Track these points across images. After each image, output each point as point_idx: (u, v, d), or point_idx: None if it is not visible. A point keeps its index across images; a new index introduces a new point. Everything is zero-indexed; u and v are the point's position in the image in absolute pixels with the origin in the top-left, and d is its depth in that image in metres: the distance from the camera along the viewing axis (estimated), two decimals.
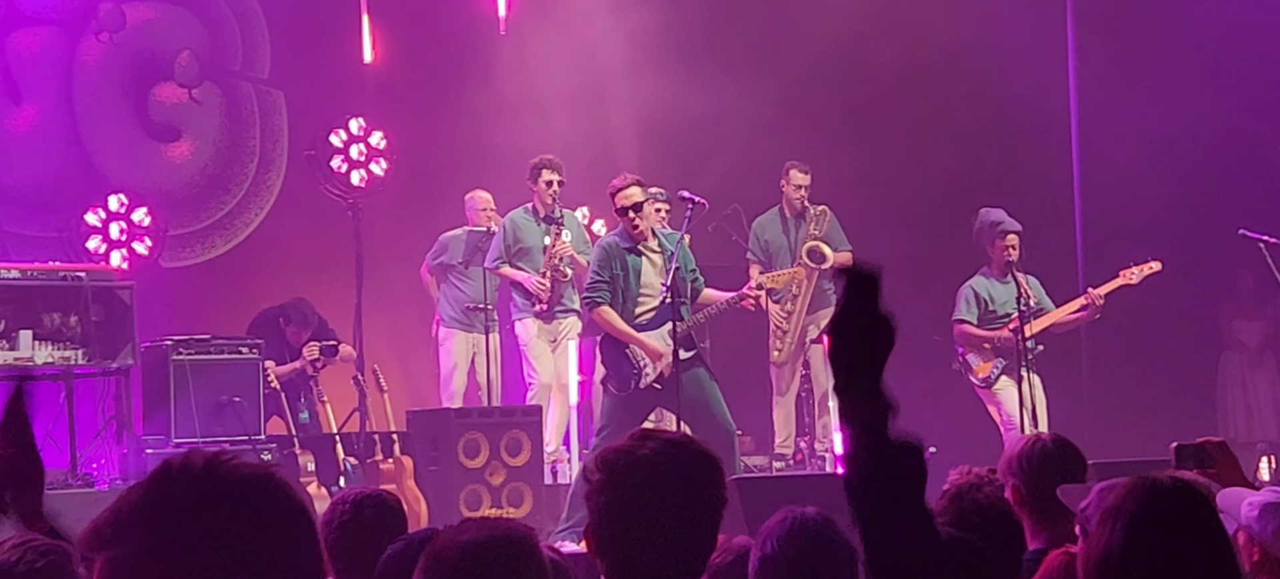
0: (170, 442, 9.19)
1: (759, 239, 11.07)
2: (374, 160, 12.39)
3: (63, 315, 8.84)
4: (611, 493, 2.65)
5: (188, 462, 1.83)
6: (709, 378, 8.58)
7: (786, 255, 10.87)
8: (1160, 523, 2.49)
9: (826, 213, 11.00)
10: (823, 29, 12.17)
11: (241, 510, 1.79)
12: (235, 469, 1.82)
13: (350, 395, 10.44)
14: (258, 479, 1.82)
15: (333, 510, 4.01)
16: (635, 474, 2.65)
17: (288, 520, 1.82)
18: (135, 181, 11.87)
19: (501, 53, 12.46)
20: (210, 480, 1.80)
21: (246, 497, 1.80)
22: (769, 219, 11.13)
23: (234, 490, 1.80)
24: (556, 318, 10.44)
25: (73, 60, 11.85)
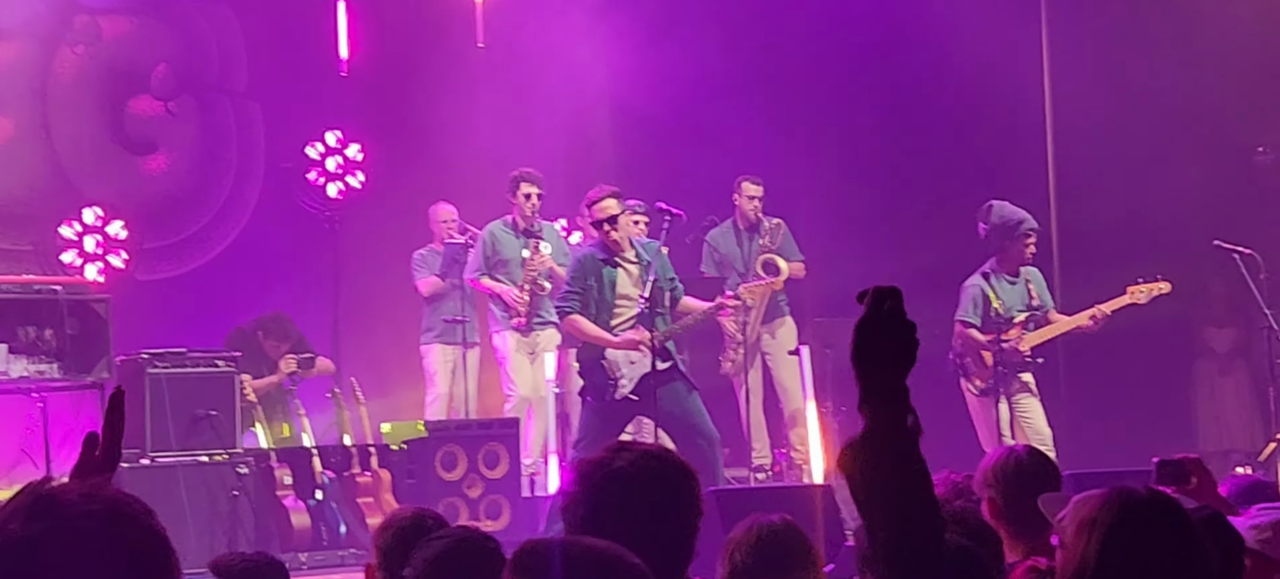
0: (146, 455, 9.14)
1: (714, 251, 11.09)
2: (351, 173, 12.40)
3: (38, 329, 8.80)
4: (588, 505, 2.65)
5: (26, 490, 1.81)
6: (687, 389, 8.58)
7: (740, 266, 10.89)
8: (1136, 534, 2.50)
9: (781, 226, 11.02)
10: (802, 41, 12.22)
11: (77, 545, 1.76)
12: (73, 502, 1.78)
13: (327, 408, 10.41)
14: (93, 512, 1.78)
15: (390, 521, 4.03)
16: (611, 486, 2.66)
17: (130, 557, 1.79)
18: (111, 195, 11.84)
19: (480, 65, 12.46)
20: (41, 514, 1.78)
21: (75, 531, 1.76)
22: (723, 232, 11.16)
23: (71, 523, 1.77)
24: (534, 330, 10.44)
25: (48, 73, 11.81)
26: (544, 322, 10.43)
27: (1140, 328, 10.15)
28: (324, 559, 9.25)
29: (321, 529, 9.59)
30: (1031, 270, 9.94)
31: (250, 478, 9.36)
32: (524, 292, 10.33)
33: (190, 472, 9.07)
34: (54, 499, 1.77)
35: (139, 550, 1.79)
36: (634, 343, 8.45)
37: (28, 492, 1.79)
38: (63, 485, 1.81)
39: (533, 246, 10.31)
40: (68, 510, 1.76)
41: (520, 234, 10.46)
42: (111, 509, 1.78)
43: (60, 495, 1.78)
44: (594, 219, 8.60)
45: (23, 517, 1.76)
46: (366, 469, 9.84)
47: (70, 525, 1.75)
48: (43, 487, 1.80)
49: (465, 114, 12.39)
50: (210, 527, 9.02)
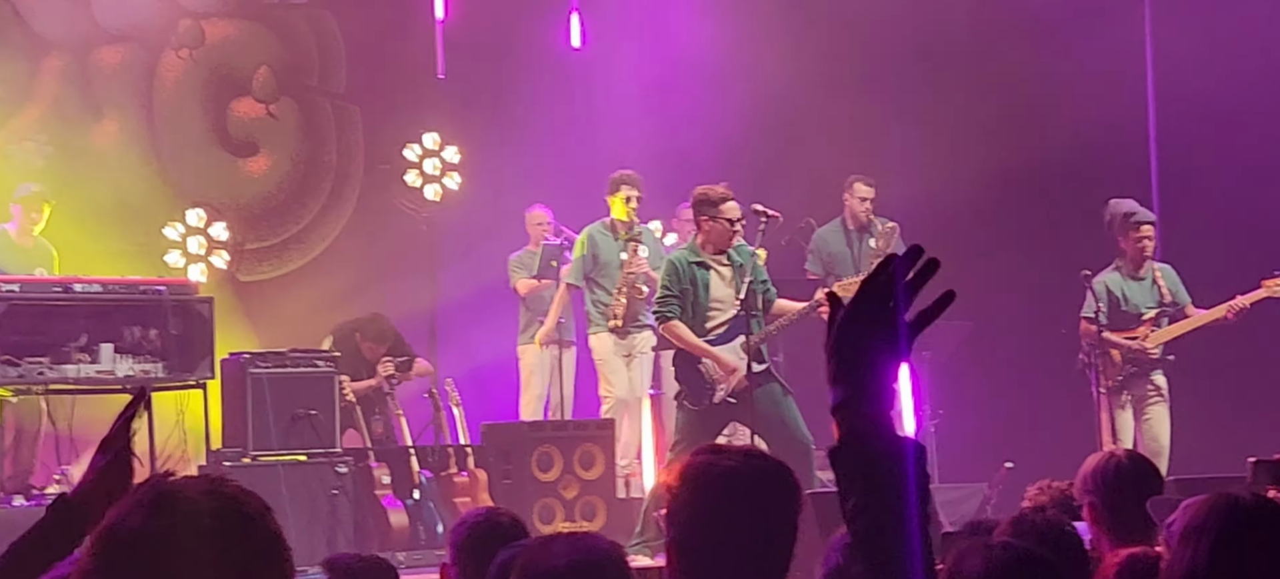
0: (248, 454, 9.27)
1: (821, 251, 11.01)
2: (448, 174, 12.48)
3: (143, 329, 8.94)
4: (693, 507, 2.66)
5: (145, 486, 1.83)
6: (782, 392, 8.55)
7: (849, 267, 10.82)
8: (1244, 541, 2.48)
9: (896, 229, 10.93)
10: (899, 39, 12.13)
11: (197, 539, 1.79)
12: (193, 499, 1.81)
13: (424, 408, 10.50)
14: (216, 508, 1.80)
15: (464, 521, 4.09)
16: (716, 488, 2.66)
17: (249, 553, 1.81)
18: (214, 196, 12.03)
19: (575, 67, 12.50)
20: (164, 507, 1.80)
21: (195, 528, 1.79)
22: (831, 231, 11.08)
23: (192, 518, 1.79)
24: (631, 333, 10.45)
25: (153, 76, 12.02)
26: (640, 324, 10.45)
27: (1244, 323, 9.93)
28: (421, 558, 9.32)
29: (419, 529, 9.67)
30: (1163, 267, 9.77)
31: (349, 477, 9.46)
32: (621, 294, 10.35)
33: (291, 471, 9.18)
34: (174, 494, 1.80)
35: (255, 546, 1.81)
36: (730, 367, 8.41)
37: (148, 486, 1.82)
38: (183, 480, 1.84)
39: (631, 250, 10.33)
40: (187, 506, 1.79)
41: (618, 237, 10.48)
42: (229, 505, 1.81)
43: (180, 490, 1.81)
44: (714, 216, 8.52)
45: (144, 511, 1.79)
46: (463, 469, 9.92)
47: (189, 521, 1.77)
48: (163, 482, 1.82)
49: (560, 116, 12.45)
50: (310, 526, 9.11)
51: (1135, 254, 9.65)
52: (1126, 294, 9.61)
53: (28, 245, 9.36)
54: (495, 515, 4.08)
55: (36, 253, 9.39)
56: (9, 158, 11.29)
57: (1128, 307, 9.55)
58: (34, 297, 8.66)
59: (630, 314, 10.39)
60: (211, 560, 1.77)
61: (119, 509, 1.81)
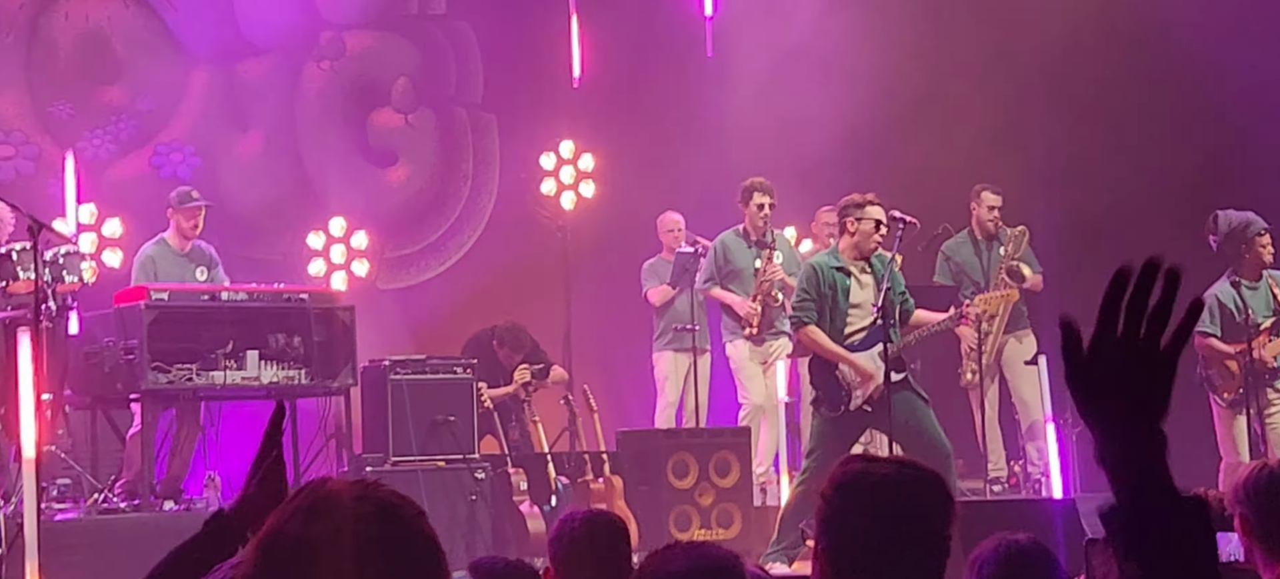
0: (389, 460, 9.39)
1: (949, 262, 10.91)
2: (583, 183, 12.56)
3: (287, 336, 9.10)
4: (845, 516, 2.65)
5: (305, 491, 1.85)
6: (920, 401, 8.48)
7: (979, 277, 10.70)
8: None
9: (1025, 234, 10.80)
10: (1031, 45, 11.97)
11: (354, 544, 1.79)
12: (350, 504, 1.81)
13: (561, 415, 10.56)
14: (373, 513, 1.81)
15: (563, 527, 4.12)
16: (873, 497, 2.65)
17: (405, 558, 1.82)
18: (354, 205, 12.22)
19: (709, 75, 12.51)
20: (315, 512, 1.81)
21: (353, 532, 1.80)
22: (959, 242, 10.97)
23: (349, 524, 1.80)
24: (766, 340, 10.43)
25: (296, 88, 12.24)
26: (776, 332, 10.42)
27: None
28: None
29: None
30: (1275, 273, 9.58)
31: (487, 483, 9.55)
32: (756, 302, 10.33)
33: (430, 476, 9.29)
34: (330, 499, 1.81)
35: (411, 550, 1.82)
36: (867, 374, 8.37)
37: (307, 492, 1.84)
38: (340, 486, 1.85)
39: (766, 257, 10.31)
40: (344, 512, 1.80)
41: (752, 244, 10.46)
42: (386, 511, 1.81)
43: (337, 496, 1.82)
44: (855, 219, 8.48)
45: (302, 517, 1.80)
46: (599, 476, 9.96)
47: (346, 525, 1.79)
48: (322, 487, 1.84)
49: (695, 124, 12.46)
50: (449, 531, 9.21)
51: (1255, 263, 9.50)
52: (1242, 305, 9.45)
53: (186, 250, 9.56)
54: (597, 518, 4.10)
55: (196, 255, 9.59)
56: (159, 168, 11.58)
57: (1244, 317, 9.38)
58: (183, 305, 8.86)
59: (766, 321, 10.37)
60: (368, 564, 1.78)
61: (278, 515, 1.83)
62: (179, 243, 9.54)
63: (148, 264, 9.44)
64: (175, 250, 9.53)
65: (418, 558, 1.84)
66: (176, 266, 9.44)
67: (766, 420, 10.43)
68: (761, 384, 10.42)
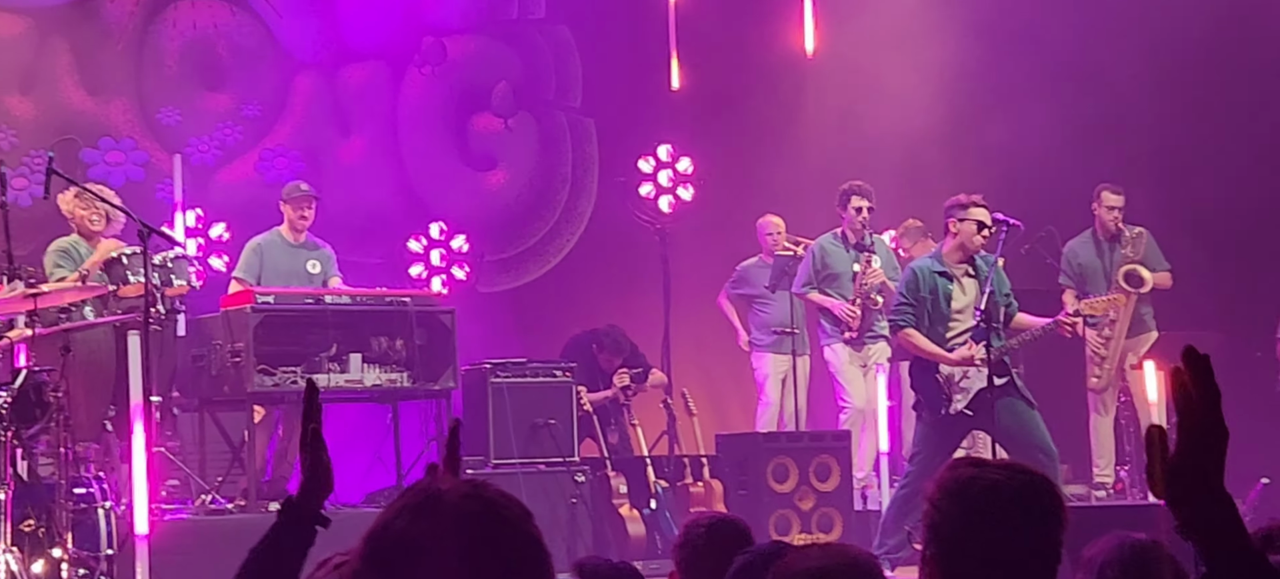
0: (489, 463, 9.45)
1: (1072, 263, 10.78)
2: (681, 186, 12.57)
3: (389, 339, 9.18)
4: (955, 521, 2.62)
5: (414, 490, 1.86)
6: (1025, 405, 8.38)
7: (1101, 279, 10.56)
8: None
9: (1144, 234, 10.63)
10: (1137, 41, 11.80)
11: (462, 543, 1.80)
12: (458, 503, 1.82)
13: (660, 418, 10.57)
14: (480, 512, 1.81)
15: (688, 531, 4.13)
16: (983, 503, 2.61)
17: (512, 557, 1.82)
18: (454, 210, 12.31)
19: (809, 78, 12.46)
20: (430, 511, 1.82)
21: (460, 530, 1.80)
22: (1081, 242, 10.82)
23: (458, 522, 1.80)
24: (866, 344, 10.37)
25: (397, 93, 12.36)
26: (876, 335, 10.36)
27: None
28: (659, 568, 9.33)
29: (656, 538, 9.74)
30: None
31: (587, 486, 9.57)
32: (855, 305, 10.28)
33: (530, 479, 9.33)
34: (439, 499, 1.82)
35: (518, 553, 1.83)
36: (968, 360, 8.30)
37: (415, 490, 1.85)
38: (448, 485, 1.86)
39: (865, 261, 10.25)
40: (452, 511, 1.81)
41: (851, 248, 10.41)
42: (493, 511, 1.82)
43: (445, 495, 1.83)
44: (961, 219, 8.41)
45: (409, 515, 1.82)
46: (699, 479, 9.95)
47: (453, 526, 1.80)
48: (430, 486, 1.85)
49: (794, 125, 12.41)
50: (549, 533, 9.05)
51: None
52: None
53: (299, 242, 9.67)
54: (720, 522, 4.09)
55: (309, 250, 9.70)
56: (264, 173, 11.74)
57: None
58: (288, 308, 8.97)
59: (865, 324, 10.31)
60: (475, 564, 1.79)
61: (387, 512, 1.85)
62: (292, 235, 9.67)
63: (254, 252, 9.58)
64: (286, 241, 9.66)
65: (524, 558, 1.84)
66: (287, 256, 9.56)
67: (867, 424, 10.37)
68: (862, 388, 10.36)
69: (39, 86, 11.25)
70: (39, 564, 6.90)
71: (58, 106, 11.24)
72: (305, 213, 9.61)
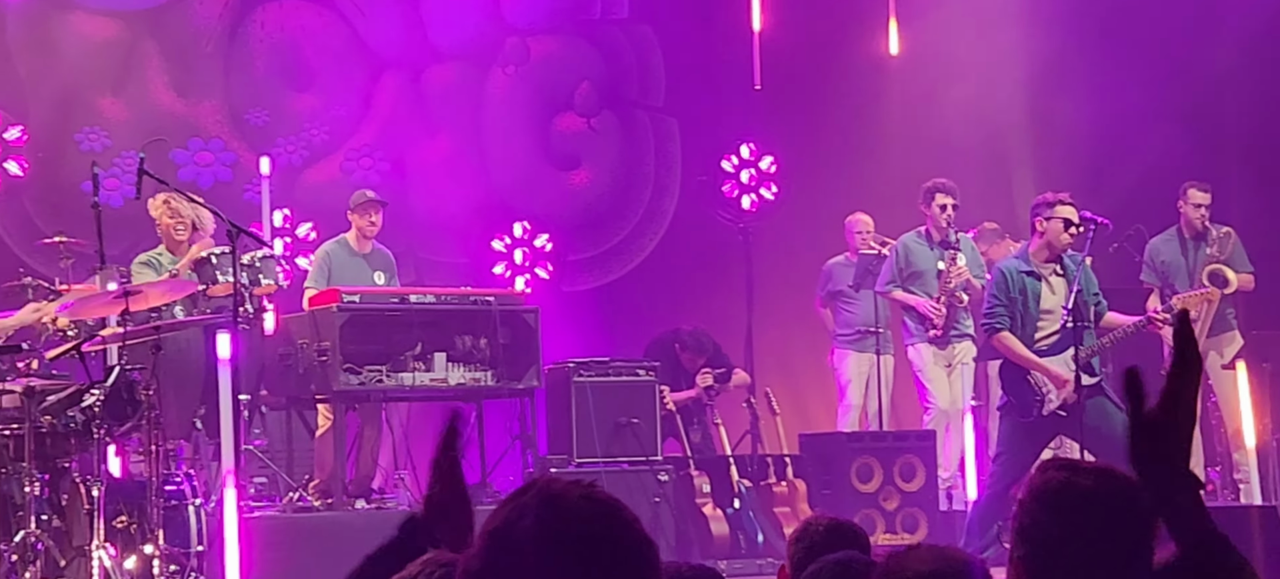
0: (573, 461, 9.47)
1: (1155, 261, 10.64)
2: (764, 185, 12.55)
3: (474, 338, 9.23)
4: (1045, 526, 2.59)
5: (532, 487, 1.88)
6: (1113, 405, 8.29)
7: (1184, 277, 10.41)
8: None
9: (1231, 235, 10.47)
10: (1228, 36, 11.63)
11: (580, 543, 1.83)
12: (577, 504, 1.85)
13: (743, 417, 10.55)
14: (598, 513, 1.85)
15: (804, 529, 4.11)
16: (1075, 509, 2.59)
17: (627, 559, 1.84)
18: (537, 209, 12.36)
19: (893, 74, 12.39)
20: (550, 510, 1.84)
21: (581, 532, 1.83)
22: (1165, 240, 10.67)
23: (576, 522, 1.84)
24: (951, 342, 10.30)
25: (481, 94, 12.42)
26: (961, 334, 10.28)
27: None
28: (742, 567, 9.36)
29: (739, 538, 9.72)
30: None
31: (670, 485, 9.57)
32: (940, 304, 10.21)
33: (614, 478, 9.33)
34: (558, 498, 1.86)
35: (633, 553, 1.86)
36: (1061, 380, 8.20)
37: (537, 491, 1.89)
38: (565, 486, 1.90)
39: (949, 259, 10.17)
40: (569, 510, 1.85)
41: (935, 246, 10.33)
42: (610, 513, 1.86)
43: (563, 495, 1.87)
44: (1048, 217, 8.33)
45: (532, 515, 1.85)
46: (782, 479, 9.93)
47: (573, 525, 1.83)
48: (551, 487, 1.89)
49: (877, 124, 12.35)
50: None
51: None
52: None
53: (366, 251, 9.74)
54: (837, 527, 4.05)
55: (375, 259, 9.76)
56: (349, 173, 11.84)
57: None
58: (373, 307, 9.04)
59: (950, 323, 10.23)
60: (593, 564, 1.83)
61: (506, 510, 1.88)
62: (358, 243, 9.71)
63: (323, 260, 9.64)
64: (353, 250, 9.70)
65: (638, 559, 1.88)
66: (352, 267, 9.61)
67: (952, 424, 10.30)
68: (946, 388, 10.29)
69: (130, 88, 11.42)
70: (131, 560, 7.00)
71: (148, 108, 11.41)
72: (373, 219, 9.65)
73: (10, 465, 6.81)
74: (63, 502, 7.00)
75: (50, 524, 6.84)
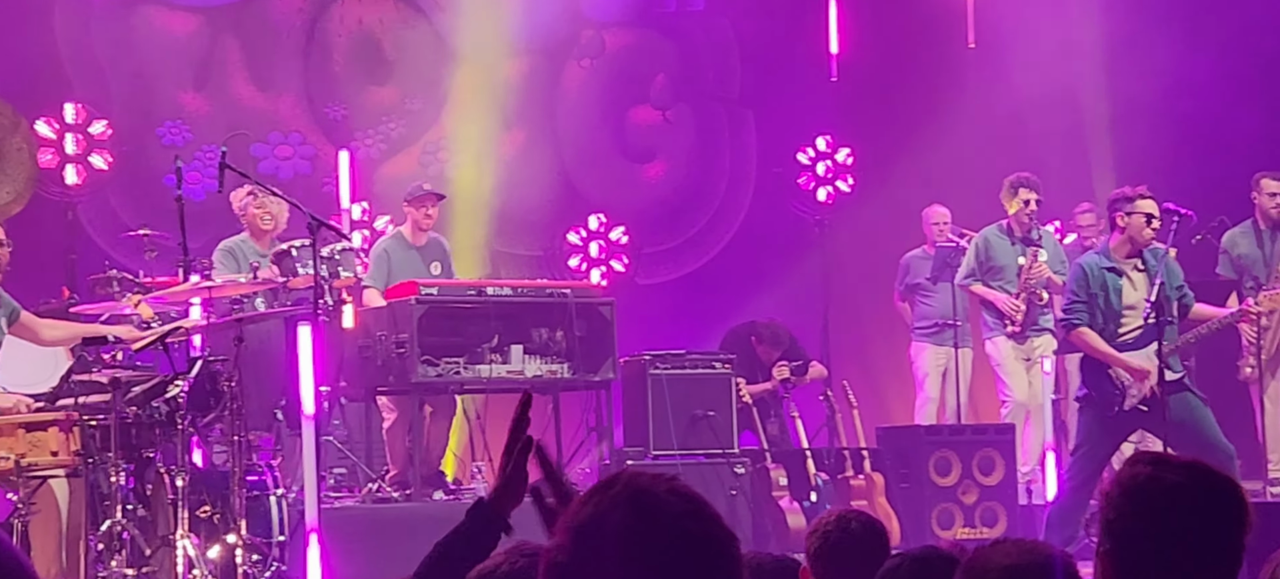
0: (649, 453, 9.48)
1: (1232, 253, 10.48)
2: (840, 177, 12.49)
3: (550, 330, 9.26)
4: (1132, 520, 2.56)
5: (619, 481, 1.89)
6: (1198, 400, 8.18)
7: (1262, 269, 10.23)
8: None
9: None
10: None
11: (668, 537, 1.84)
12: (664, 498, 1.86)
13: (820, 411, 10.52)
14: (685, 509, 1.85)
15: (819, 524, 4.11)
16: (1160, 503, 2.56)
17: (714, 553, 1.85)
18: (613, 202, 12.38)
19: (971, 65, 12.30)
20: (638, 505, 1.85)
21: (669, 526, 1.84)
22: (1242, 232, 10.50)
23: (664, 517, 1.84)
24: (1030, 337, 10.21)
25: (557, 86, 12.46)
26: (1040, 328, 10.19)
27: None
28: None
29: None
30: None
31: (747, 478, 9.56)
32: (1020, 300, 10.12)
33: (690, 471, 9.32)
34: (646, 492, 1.87)
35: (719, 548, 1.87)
36: (1142, 374, 8.10)
37: (626, 485, 1.90)
38: (651, 480, 1.90)
39: (1031, 255, 10.08)
40: (658, 504, 1.85)
41: (1016, 241, 10.24)
42: (698, 509, 1.87)
43: (652, 490, 1.88)
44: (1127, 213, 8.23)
45: (624, 509, 1.86)
46: (860, 472, 9.88)
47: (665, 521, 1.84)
48: (637, 481, 1.89)
49: (955, 116, 12.26)
50: None
51: None
52: None
53: (422, 244, 9.75)
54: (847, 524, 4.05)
55: (430, 250, 9.78)
56: (426, 166, 11.92)
57: None
58: (451, 300, 9.09)
59: (1029, 318, 10.15)
60: (680, 558, 1.83)
61: (591, 503, 1.89)
62: (413, 235, 9.73)
63: (381, 257, 9.66)
64: (408, 243, 9.72)
65: (723, 554, 1.89)
66: (409, 260, 9.63)
67: (1031, 418, 10.21)
68: (1025, 381, 10.20)
69: (211, 83, 11.55)
70: (214, 550, 7.09)
71: (229, 102, 11.54)
72: (429, 212, 9.66)
73: (97, 455, 6.90)
74: (148, 491, 7.09)
75: (136, 514, 6.92)
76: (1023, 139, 11.63)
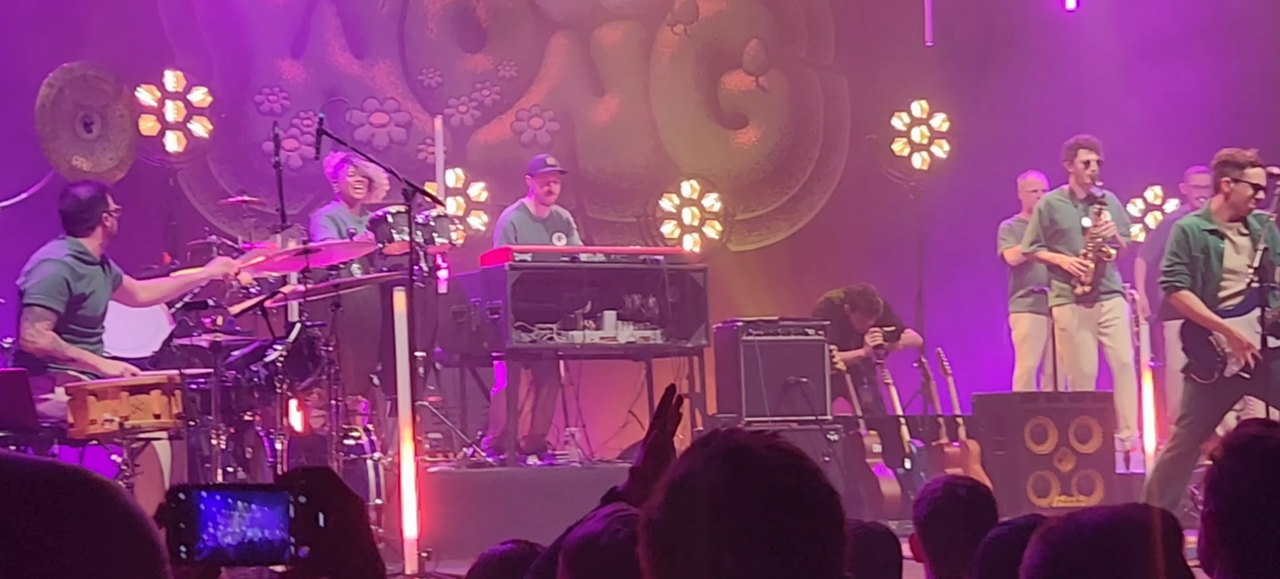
0: (742, 419, 9.47)
1: None
2: (936, 143, 12.38)
3: (643, 297, 9.28)
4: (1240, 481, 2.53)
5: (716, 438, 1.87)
6: None
7: None
8: None
9: None
10: None
11: (768, 491, 1.81)
12: (761, 454, 1.84)
13: (914, 378, 10.45)
14: (783, 464, 1.83)
15: (926, 491, 4.08)
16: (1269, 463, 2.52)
17: (812, 509, 1.82)
18: (706, 168, 12.35)
19: (1070, 28, 12.13)
20: (736, 461, 1.83)
21: (766, 482, 1.81)
22: None
23: (763, 472, 1.82)
24: (1100, 299, 10.07)
25: (650, 52, 12.44)
26: (1110, 290, 10.06)
27: None
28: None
29: (910, 498, 9.63)
30: None
31: (840, 445, 9.53)
32: (1087, 259, 9.98)
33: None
34: (746, 449, 1.86)
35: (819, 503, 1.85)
36: (1243, 343, 7.96)
37: (722, 441, 1.88)
38: (749, 437, 1.89)
39: (1095, 213, 9.95)
40: (758, 461, 1.84)
41: (1079, 203, 10.10)
42: (795, 463, 1.85)
43: (751, 446, 1.86)
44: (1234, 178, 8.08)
45: (720, 464, 1.85)
46: (954, 439, 9.82)
47: (764, 476, 1.83)
48: (734, 437, 1.88)
49: (1054, 80, 12.10)
50: None
51: None
52: None
53: (545, 216, 9.84)
54: (955, 490, 4.01)
55: (554, 222, 9.86)
56: (520, 133, 11.96)
57: None
58: (544, 266, 9.13)
59: (1097, 279, 10.00)
60: (780, 512, 1.82)
61: (689, 461, 1.87)
62: (537, 209, 9.83)
63: (510, 230, 9.76)
64: (533, 216, 9.82)
65: (824, 508, 1.87)
66: (534, 232, 9.73)
67: (1123, 381, 10.08)
68: (1092, 351, 10.08)
69: (308, 51, 11.65)
70: None
71: (325, 70, 11.63)
72: (553, 188, 9.77)
73: (198, 418, 7.01)
74: (247, 455, 7.19)
75: (236, 476, 7.03)
76: (1122, 103, 11.45)
